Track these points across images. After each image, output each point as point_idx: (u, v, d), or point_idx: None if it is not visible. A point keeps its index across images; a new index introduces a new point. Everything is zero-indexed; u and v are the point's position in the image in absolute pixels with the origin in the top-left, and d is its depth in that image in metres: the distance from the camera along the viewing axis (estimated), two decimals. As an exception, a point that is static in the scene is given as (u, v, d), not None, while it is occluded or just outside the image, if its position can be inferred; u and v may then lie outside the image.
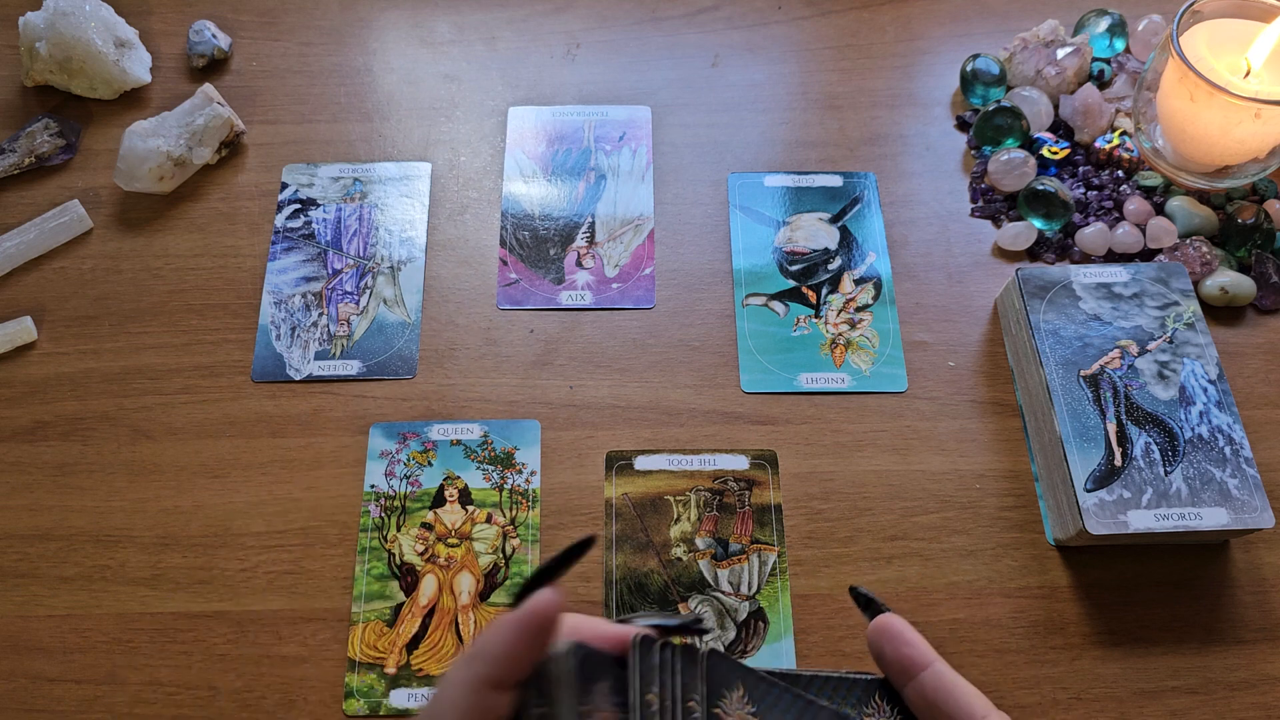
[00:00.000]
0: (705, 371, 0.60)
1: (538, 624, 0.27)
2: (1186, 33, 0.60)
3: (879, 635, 0.32)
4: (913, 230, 0.65)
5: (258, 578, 0.53)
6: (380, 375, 0.60)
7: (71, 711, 0.50)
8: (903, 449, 0.57)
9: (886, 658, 0.31)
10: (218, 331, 0.61)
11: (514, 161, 0.68)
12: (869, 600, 0.33)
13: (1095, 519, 0.50)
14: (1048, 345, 0.55)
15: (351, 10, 0.74)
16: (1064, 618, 0.52)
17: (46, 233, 0.64)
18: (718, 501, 0.55)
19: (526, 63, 0.72)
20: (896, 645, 0.31)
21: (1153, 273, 0.57)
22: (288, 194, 0.66)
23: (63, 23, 0.66)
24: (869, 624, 0.32)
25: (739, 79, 0.71)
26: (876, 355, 0.60)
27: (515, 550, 0.54)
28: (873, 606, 0.33)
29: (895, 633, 0.31)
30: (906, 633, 0.31)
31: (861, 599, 0.33)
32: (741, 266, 0.63)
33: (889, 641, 0.31)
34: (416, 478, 0.56)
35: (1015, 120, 0.66)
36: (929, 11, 0.75)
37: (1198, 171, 0.63)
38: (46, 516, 0.55)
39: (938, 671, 0.31)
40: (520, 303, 0.62)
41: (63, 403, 0.59)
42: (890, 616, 0.32)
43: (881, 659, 0.32)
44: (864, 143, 0.68)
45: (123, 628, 0.52)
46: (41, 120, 0.68)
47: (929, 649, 0.31)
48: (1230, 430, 0.52)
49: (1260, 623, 0.52)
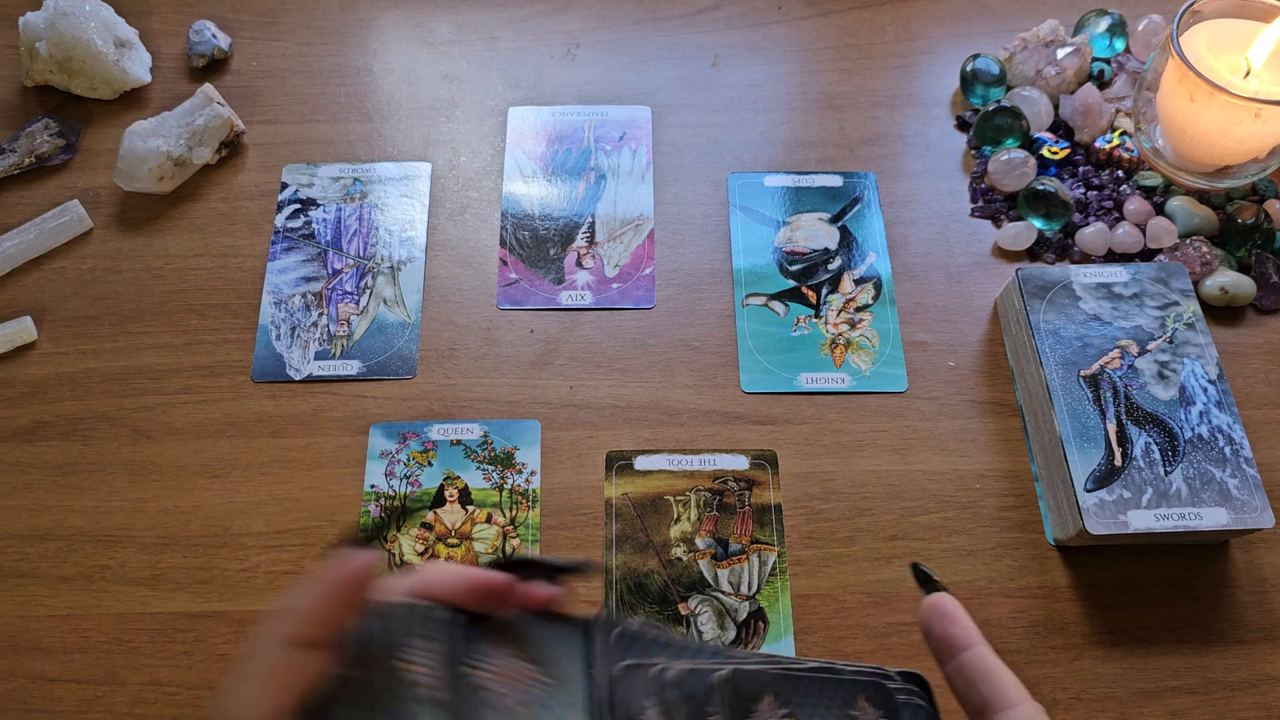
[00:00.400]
0: (705, 371, 0.60)
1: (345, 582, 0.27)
2: (1186, 33, 0.60)
3: (930, 612, 0.32)
4: (913, 230, 0.65)
5: (258, 578, 0.53)
6: (380, 375, 0.60)
7: (71, 711, 0.50)
8: (903, 449, 0.57)
9: (934, 634, 0.32)
10: (218, 331, 0.61)
11: (514, 161, 0.68)
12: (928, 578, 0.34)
13: (1095, 519, 0.50)
14: (1048, 345, 0.55)
15: (351, 10, 0.74)
16: (1064, 618, 0.52)
17: (46, 233, 0.64)
18: (718, 501, 0.55)
19: (526, 63, 0.72)
20: (945, 623, 0.32)
21: (1153, 273, 0.57)
22: (288, 194, 0.66)
23: (63, 23, 0.66)
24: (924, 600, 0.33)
25: (739, 79, 0.71)
26: (876, 355, 0.60)
27: (515, 550, 0.54)
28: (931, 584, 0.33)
29: (945, 611, 0.32)
30: (956, 612, 0.32)
31: (921, 575, 0.34)
32: (741, 266, 0.63)
33: (938, 618, 0.32)
34: (416, 478, 0.56)
35: (1015, 120, 0.66)
36: (929, 11, 0.75)
37: (1198, 171, 0.63)
38: (46, 516, 0.55)
39: (979, 654, 0.31)
40: (520, 303, 0.62)
41: (63, 403, 0.59)
42: (944, 596, 0.33)
43: (930, 635, 0.32)
44: (864, 143, 0.68)
45: (123, 628, 0.52)
46: (41, 120, 0.68)
47: (975, 631, 0.32)
48: (1230, 430, 0.52)
49: (1260, 623, 0.52)
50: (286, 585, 0.53)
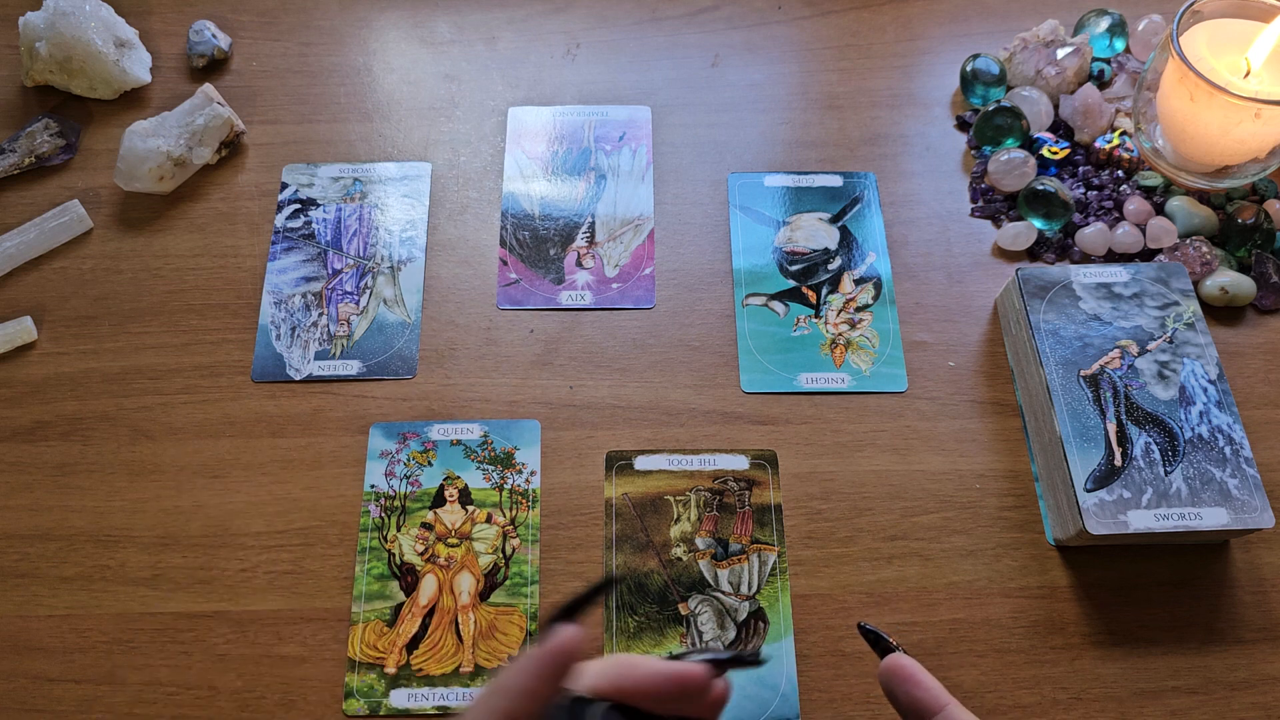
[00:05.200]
0: (705, 371, 0.60)
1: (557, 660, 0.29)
2: (1186, 33, 0.60)
3: (891, 676, 0.32)
4: (913, 230, 0.65)
5: (258, 578, 0.53)
6: (380, 375, 0.60)
7: (71, 711, 0.50)
8: (903, 449, 0.57)
9: (899, 699, 0.32)
10: (218, 331, 0.61)
11: (514, 161, 0.68)
12: (877, 637, 0.33)
13: (1095, 519, 0.50)
14: (1048, 345, 0.55)
15: (351, 10, 0.74)
16: (1064, 618, 0.52)
17: (46, 233, 0.64)
18: (718, 501, 0.55)
19: (526, 63, 0.72)
20: (909, 688, 0.32)
21: (1153, 273, 0.57)
22: (288, 194, 0.66)
23: (63, 23, 0.66)
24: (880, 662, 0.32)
25: (739, 79, 0.71)
26: (876, 355, 0.60)
27: (515, 550, 0.54)
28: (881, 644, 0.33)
29: (907, 674, 0.32)
30: (918, 674, 0.32)
31: (870, 636, 0.33)
32: (741, 266, 0.63)
33: (901, 683, 0.32)
34: (416, 478, 0.56)
35: (1015, 120, 0.66)
36: (929, 11, 0.75)
37: (1198, 171, 0.63)
38: (46, 516, 0.55)
39: (950, 713, 0.31)
40: (520, 303, 0.62)
41: (63, 403, 0.59)
42: (900, 657, 0.32)
43: (893, 699, 0.32)
44: (864, 143, 0.68)
45: (123, 628, 0.52)
46: (41, 120, 0.68)
47: (942, 690, 0.31)
48: (1230, 430, 0.52)
49: (1260, 623, 0.52)
50: (286, 585, 0.53)
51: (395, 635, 0.52)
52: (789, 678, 0.51)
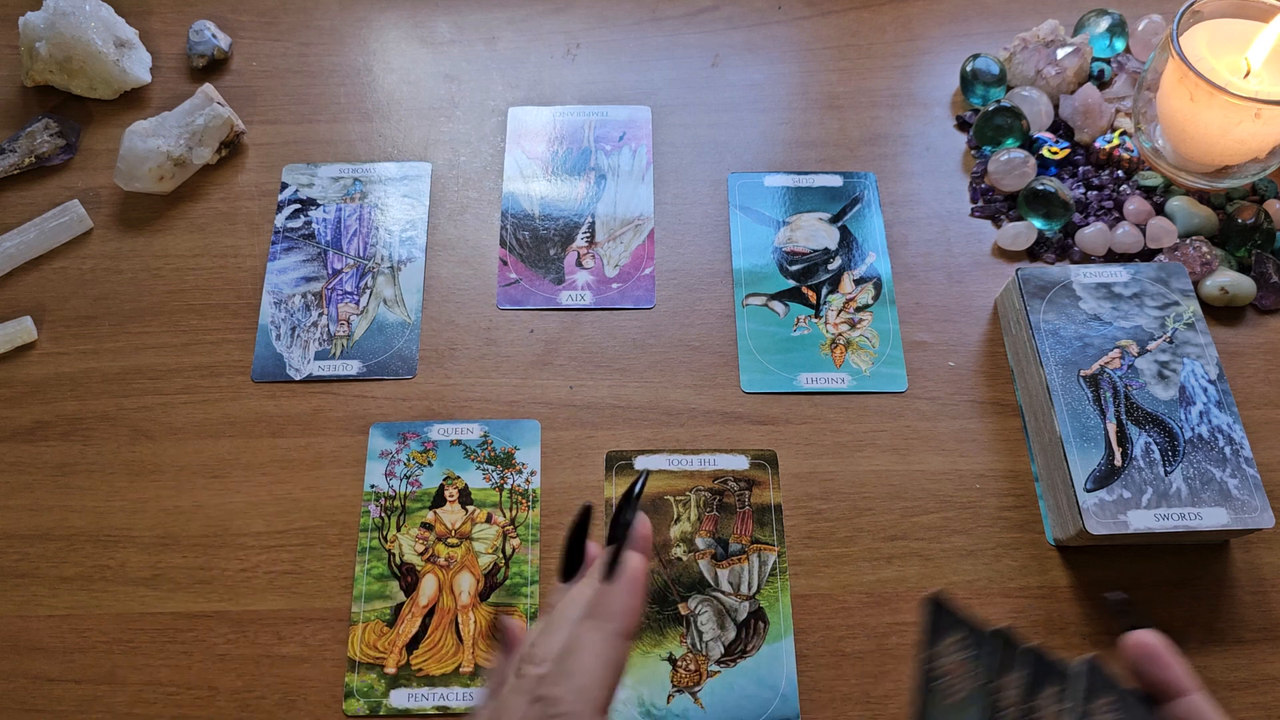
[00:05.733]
0: (705, 371, 0.60)
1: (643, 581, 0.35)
2: (1186, 33, 0.60)
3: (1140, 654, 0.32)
4: (913, 230, 0.65)
5: (258, 578, 0.53)
6: (380, 375, 0.60)
7: (71, 711, 0.50)
8: (903, 449, 0.57)
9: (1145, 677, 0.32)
10: (218, 331, 0.61)
11: (514, 161, 0.68)
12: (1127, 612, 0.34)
13: (1095, 519, 0.50)
14: (1048, 345, 0.55)
15: (351, 10, 0.74)
16: (1064, 618, 0.52)
17: (46, 233, 0.64)
18: (718, 501, 0.55)
19: (526, 63, 0.72)
20: (1158, 668, 0.32)
21: (1153, 273, 0.57)
22: (288, 194, 0.66)
23: (63, 23, 0.66)
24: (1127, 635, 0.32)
25: (739, 79, 0.71)
26: (876, 355, 0.60)
27: (515, 550, 0.54)
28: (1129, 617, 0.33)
29: (1156, 655, 0.32)
30: (1166, 656, 0.32)
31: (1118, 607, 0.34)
32: (741, 266, 0.63)
33: (1149, 662, 0.32)
34: (416, 478, 0.56)
35: (1015, 120, 0.66)
36: (929, 11, 0.75)
37: (1198, 171, 0.63)
38: (46, 516, 0.55)
39: (1195, 702, 0.31)
40: (520, 303, 0.62)
41: (63, 403, 0.59)
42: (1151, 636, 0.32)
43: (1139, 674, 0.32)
44: (864, 143, 0.68)
45: (123, 628, 0.52)
46: (41, 120, 0.68)
47: (1191, 675, 0.32)
48: (1230, 430, 0.52)
49: (1260, 623, 0.52)
50: (286, 585, 0.53)
51: (395, 635, 0.52)
52: (789, 678, 0.51)
